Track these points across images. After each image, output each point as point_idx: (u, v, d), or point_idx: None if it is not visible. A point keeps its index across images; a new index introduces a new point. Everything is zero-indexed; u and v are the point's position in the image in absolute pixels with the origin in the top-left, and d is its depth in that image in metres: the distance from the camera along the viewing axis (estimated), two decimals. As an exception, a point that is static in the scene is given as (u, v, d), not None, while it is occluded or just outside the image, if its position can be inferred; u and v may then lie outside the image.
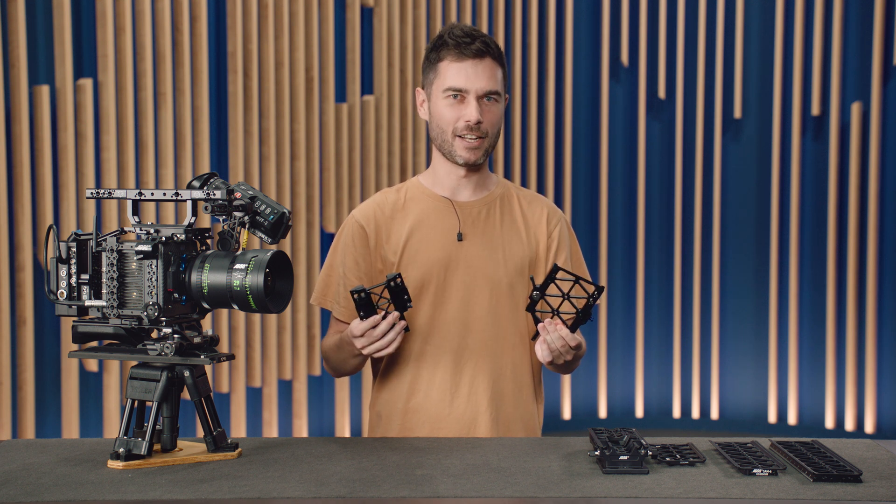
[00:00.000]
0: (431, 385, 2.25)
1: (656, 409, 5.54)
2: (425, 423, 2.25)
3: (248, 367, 4.65)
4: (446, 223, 2.26)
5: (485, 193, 2.31)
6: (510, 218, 2.30)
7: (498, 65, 2.23)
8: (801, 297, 5.38)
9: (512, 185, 2.37)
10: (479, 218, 2.28)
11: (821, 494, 1.65)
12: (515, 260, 2.27)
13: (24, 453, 1.93)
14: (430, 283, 2.24)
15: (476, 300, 2.24)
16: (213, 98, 4.56)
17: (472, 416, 2.25)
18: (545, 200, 2.36)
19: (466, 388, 2.25)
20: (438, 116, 2.23)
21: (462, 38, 2.19)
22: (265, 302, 1.82)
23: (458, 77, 2.19)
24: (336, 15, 4.88)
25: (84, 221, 4.19)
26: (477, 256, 2.25)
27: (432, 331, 2.25)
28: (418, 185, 2.32)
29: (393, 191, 2.33)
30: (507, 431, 2.27)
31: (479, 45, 2.19)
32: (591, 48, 5.56)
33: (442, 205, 2.28)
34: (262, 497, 1.65)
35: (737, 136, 5.48)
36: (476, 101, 2.19)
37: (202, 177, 1.89)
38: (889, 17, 5.21)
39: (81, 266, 1.87)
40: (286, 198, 4.70)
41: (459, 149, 2.22)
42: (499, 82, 2.22)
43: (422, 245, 2.25)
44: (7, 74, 4.05)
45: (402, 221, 2.27)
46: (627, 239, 5.58)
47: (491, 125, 2.22)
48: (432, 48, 2.25)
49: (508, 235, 2.28)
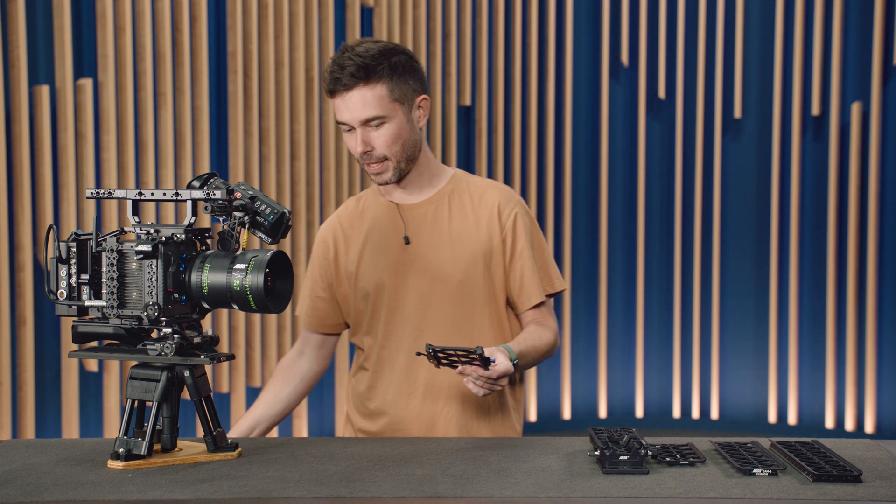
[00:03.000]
0: (388, 389, 2.28)
1: (656, 409, 5.54)
2: (386, 427, 2.28)
3: (248, 367, 4.65)
4: (394, 228, 2.28)
5: (432, 192, 2.30)
6: (460, 213, 2.28)
7: (375, 83, 2.15)
8: (801, 297, 5.38)
9: (466, 176, 2.33)
10: (425, 218, 2.27)
11: (821, 494, 1.65)
12: (466, 256, 2.25)
13: (24, 453, 1.93)
14: (383, 289, 2.26)
15: (429, 301, 2.25)
16: (213, 98, 4.56)
17: (431, 415, 2.26)
18: (499, 188, 2.32)
19: (422, 389, 2.26)
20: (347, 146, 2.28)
21: (333, 74, 2.17)
22: (265, 302, 1.82)
23: (339, 112, 2.20)
24: (336, 15, 4.88)
25: (84, 221, 4.19)
26: (425, 257, 2.25)
27: (388, 335, 2.27)
28: (374, 191, 2.34)
29: (354, 200, 2.37)
30: (470, 430, 2.26)
31: (346, 79, 2.15)
32: (591, 48, 5.56)
33: (390, 210, 2.29)
34: (262, 497, 1.65)
35: (737, 136, 5.48)
36: (360, 130, 2.18)
37: (202, 177, 1.89)
38: (889, 17, 5.21)
39: (81, 266, 1.87)
40: (286, 198, 4.70)
41: (369, 173, 2.24)
42: (379, 103, 2.16)
43: (374, 252, 2.28)
44: (7, 74, 4.05)
45: (359, 230, 2.31)
46: (627, 239, 5.58)
47: (386, 147, 2.19)
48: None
49: (458, 231, 2.27)
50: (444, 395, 2.26)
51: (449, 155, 5.20)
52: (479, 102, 5.30)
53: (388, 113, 2.18)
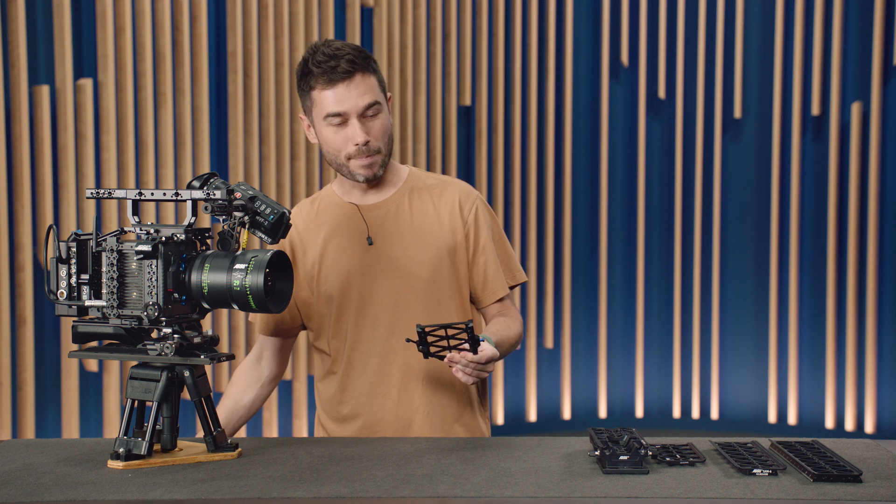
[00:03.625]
0: (361, 390, 2.26)
1: (656, 409, 5.54)
2: (361, 429, 2.26)
3: (248, 367, 4.65)
4: (356, 229, 2.25)
5: (391, 192, 2.28)
6: (421, 211, 2.27)
7: (369, 73, 2.18)
8: (801, 297, 5.38)
9: (422, 174, 2.34)
10: (387, 219, 2.26)
11: (821, 494, 1.65)
12: (432, 252, 2.25)
13: (24, 453, 1.93)
14: (350, 291, 2.24)
15: (398, 300, 2.23)
16: (213, 98, 4.56)
17: (407, 415, 2.25)
18: (457, 185, 2.32)
19: (396, 389, 2.25)
20: (327, 143, 2.22)
21: (326, 63, 2.15)
22: (265, 302, 1.82)
23: (334, 102, 2.16)
24: (336, 15, 4.88)
25: (84, 221, 4.19)
26: (391, 257, 2.24)
27: (358, 337, 2.25)
28: (330, 193, 2.32)
29: (308, 202, 2.34)
30: (445, 427, 2.26)
31: (344, 66, 2.15)
32: (591, 48, 5.56)
33: (350, 211, 2.27)
34: (262, 497, 1.65)
35: (737, 136, 5.48)
36: (358, 120, 2.17)
37: (202, 177, 1.89)
38: (889, 17, 5.21)
39: (81, 266, 1.87)
40: (286, 198, 4.70)
41: (356, 169, 2.21)
42: (375, 92, 2.19)
43: (336, 255, 2.25)
44: (7, 74, 4.05)
45: (316, 233, 2.28)
46: (627, 239, 5.58)
47: (379, 139, 2.20)
48: (301, 75, 2.21)
49: (421, 229, 2.26)
50: (418, 393, 2.25)
51: (449, 155, 5.20)
52: (479, 102, 5.31)
53: (382, 101, 2.21)
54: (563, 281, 5.49)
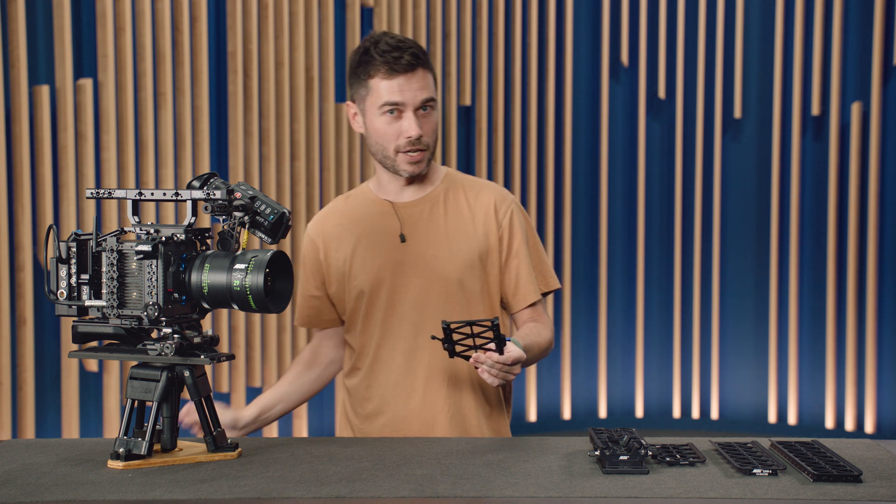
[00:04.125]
0: (386, 388, 2.27)
1: (656, 409, 5.54)
2: (385, 427, 2.27)
3: (248, 367, 4.66)
4: (389, 226, 2.26)
5: (428, 190, 2.29)
6: (456, 212, 2.28)
7: (428, 71, 2.22)
8: (801, 297, 5.38)
9: (460, 176, 2.34)
10: (421, 217, 2.27)
11: (821, 494, 1.65)
12: (463, 254, 2.25)
13: (24, 453, 1.93)
14: (380, 287, 2.25)
15: (427, 299, 2.24)
16: (213, 98, 4.56)
17: (431, 415, 2.25)
18: (493, 188, 2.33)
19: (421, 389, 2.25)
20: (377, 133, 2.23)
21: (391, 54, 2.17)
22: (265, 302, 1.82)
23: (393, 93, 2.18)
24: (336, 15, 4.88)
25: (84, 221, 4.19)
26: (423, 256, 2.24)
27: (386, 334, 2.26)
28: (366, 190, 2.33)
29: (342, 199, 2.35)
30: (466, 430, 2.26)
31: (409, 58, 2.17)
32: (591, 48, 5.56)
33: (384, 208, 2.28)
34: (262, 497, 1.65)
35: (737, 136, 5.48)
36: (413, 114, 2.19)
37: (202, 177, 1.89)
38: (889, 17, 5.21)
39: (81, 266, 1.87)
40: (286, 198, 4.70)
41: (402, 163, 2.22)
42: (431, 89, 2.22)
43: (367, 251, 2.26)
44: (7, 74, 4.05)
45: (348, 230, 2.29)
46: (627, 239, 5.58)
47: (430, 135, 2.22)
48: (359, 63, 2.22)
49: (455, 230, 2.26)
50: (443, 394, 2.25)
51: (449, 155, 5.20)
52: (479, 102, 5.31)
53: (436, 100, 2.24)
54: (563, 281, 5.49)
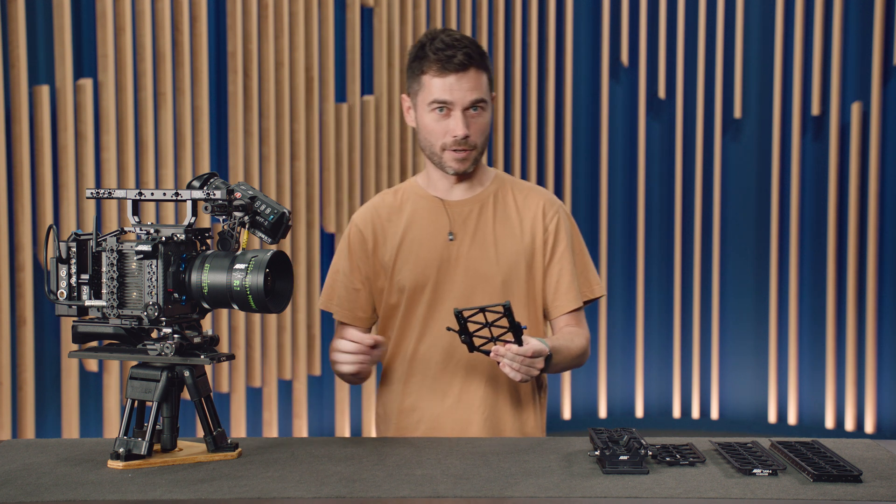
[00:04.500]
0: (423, 385, 2.26)
1: (656, 409, 5.54)
2: (420, 423, 2.26)
3: (248, 367, 4.65)
4: (438, 223, 2.26)
5: (478, 190, 2.30)
6: (504, 214, 2.29)
7: (482, 71, 2.21)
8: (801, 297, 5.38)
9: (509, 178, 2.35)
10: (470, 216, 2.27)
11: (821, 494, 1.65)
12: (509, 256, 2.26)
13: (24, 453, 1.93)
14: (425, 284, 2.25)
15: (470, 300, 2.23)
16: (213, 98, 4.56)
17: (465, 416, 2.25)
18: (542, 192, 2.34)
19: (458, 388, 2.25)
20: (425, 129, 2.23)
21: (444, 52, 2.17)
22: (265, 302, 1.82)
23: (443, 91, 2.18)
24: (336, 15, 4.88)
25: (84, 221, 4.19)
26: (469, 255, 2.25)
27: (425, 331, 2.26)
28: (415, 186, 2.32)
29: (391, 192, 2.34)
30: (502, 431, 2.26)
31: (461, 58, 2.17)
32: (591, 48, 5.56)
33: (434, 205, 2.28)
34: (262, 497, 1.65)
35: (737, 136, 5.48)
36: (462, 113, 2.19)
37: (202, 177, 1.89)
38: (889, 17, 5.21)
39: (81, 266, 1.87)
40: (286, 198, 4.70)
41: (448, 160, 2.22)
42: (484, 90, 2.21)
43: (414, 246, 2.26)
44: (7, 74, 4.05)
45: (397, 224, 2.28)
46: (627, 239, 5.58)
47: (478, 135, 2.22)
48: (414, 58, 2.23)
49: (502, 232, 2.27)
50: (480, 394, 2.24)
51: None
52: (479, 102, 5.30)
53: (488, 100, 2.23)
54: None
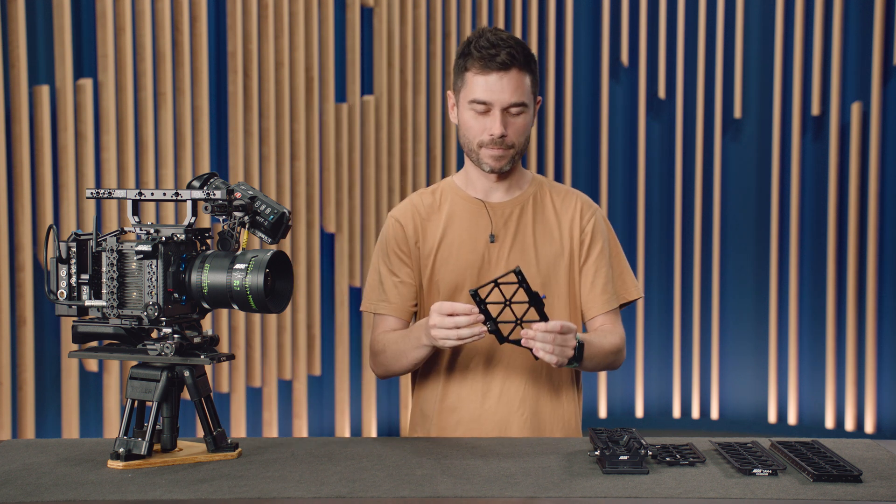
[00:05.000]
0: (463, 385, 2.26)
1: (656, 409, 5.54)
2: (459, 424, 2.26)
3: (248, 367, 4.65)
4: (479, 225, 2.26)
5: (517, 193, 2.30)
6: (542, 217, 2.29)
7: (526, 73, 2.20)
8: (801, 297, 5.38)
9: (546, 181, 2.36)
10: (511, 218, 2.28)
11: (821, 494, 1.65)
12: (548, 259, 2.26)
13: (24, 453, 1.93)
14: (464, 285, 2.25)
15: None
16: (213, 98, 4.56)
17: (505, 416, 2.25)
18: (579, 195, 2.35)
19: (498, 389, 2.25)
20: (465, 126, 2.24)
21: (488, 50, 2.17)
22: (265, 302, 1.82)
23: (483, 90, 2.18)
24: (336, 15, 4.88)
25: (84, 221, 4.19)
26: (509, 257, 2.25)
27: None
28: (452, 186, 2.32)
29: (429, 192, 2.34)
30: (542, 431, 2.26)
31: (504, 58, 2.17)
32: (591, 48, 5.56)
33: (474, 206, 2.28)
34: (262, 497, 1.65)
35: (737, 136, 5.48)
36: (501, 113, 2.18)
37: (202, 177, 1.89)
38: (889, 17, 5.21)
39: (81, 266, 1.87)
40: (286, 198, 4.70)
41: (485, 157, 2.22)
42: (526, 92, 2.20)
43: (454, 247, 2.26)
44: (7, 74, 4.05)
45: (436, 223, 2.28)
46: (627, 239, 5.58)
47: (517, 136, 2.21)
48: (460, 55, 2.24)
49: (541, 235, 2.28)
50: (520, 395, 2.25)
51: (449, 156, 5.20)
52: (479, 102, 5.30)
53: (529, 103, 2.22)
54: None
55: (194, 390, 1.90)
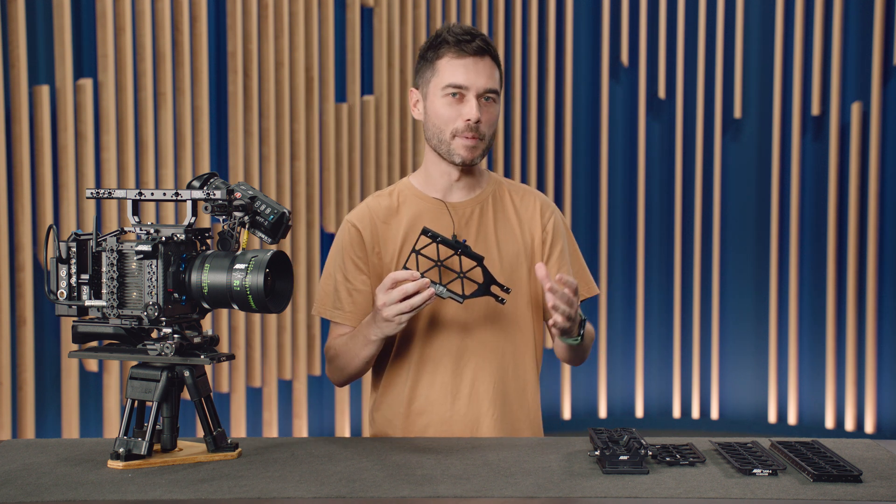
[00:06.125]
0: (432, 388, 2.25)
1: (656, 409, 5.54)
2: (429, 426, 2.25)
3: (248, 367, 4.65)
4: (441, 226, 2.24)
5: (477, 192, 2.30)
6: (503, 215, 2.29)
7: (496, 65, 2.23)
8: (801, 297, 5.39)
9: (503, 180, 2.36)
10: (472, 218, 2.27)
11: (821, 494, 1.65)
12: (510, 257, 2.26)
13: (24, 453, 1.93)
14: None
15: (475, 301, 2.23)
16: (213, 98, 4.56)
17: (475, 416, 2.24)
18: (537, 193, 2.35)
19: (468, 390, 2.24)
20: (436, 115, 2.21)
21: (462, 36, 2.19)
22: (265, 302, 1.82)
23: (458, 74, 2.18)
24: (336, 15, 4.88)
25: (84, 221, 4.19)
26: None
27: (431, 334, 2.24)
28: (410, 187, 2.30)
29: (385, 194, 2.31)
30: (511, 431, 2.26)
31: (479, 43, 2.19)
32: (591, 48, 5.56)
33: (435, 207, 2.27)
34: (262, 497, 1.65)
35: (737, 136, 5.48)
36: (476, 99, 2.18)
37: (202, 177, 1.89)
38: (889, 17, 5.21)
39: (81, 266, 1.87)
40: (286, 198, 4.69)
41: (458, 148, 2.20)
42: (497, 82, 2.22)
43: None
44: (7, 74, 4.05)
45: (396, 226, 2.26)
46: (627, 239, 5.58)
47: (488, 125, 2.21)
48: (430, 47, 2.24)
49: (502, 233, 2.28)
50: (489, 396, 2.24)
51: (449, 155, 5.20)
52: (479, 102, 5.30)
53: (499, 94, 2.24)
54: (563, 281, 5.48)
55: (194, 390, 1.90)
